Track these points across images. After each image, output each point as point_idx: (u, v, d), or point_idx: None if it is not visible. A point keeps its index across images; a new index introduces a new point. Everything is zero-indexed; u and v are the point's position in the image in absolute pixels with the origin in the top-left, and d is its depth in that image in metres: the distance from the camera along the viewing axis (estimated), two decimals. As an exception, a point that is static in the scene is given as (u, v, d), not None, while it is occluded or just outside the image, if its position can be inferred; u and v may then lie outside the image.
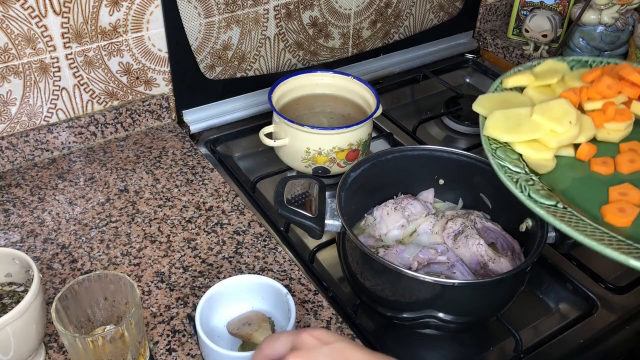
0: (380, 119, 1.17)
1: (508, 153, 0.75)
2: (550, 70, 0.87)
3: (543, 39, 1.31)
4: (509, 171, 0.72)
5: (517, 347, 0.77)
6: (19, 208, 0.91)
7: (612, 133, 0.78)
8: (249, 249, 0.86)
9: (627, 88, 0.80)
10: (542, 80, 0.84)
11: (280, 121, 0.98)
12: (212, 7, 1.05)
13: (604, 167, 0.74)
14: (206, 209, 0.92)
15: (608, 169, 0.74)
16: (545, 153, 0.75)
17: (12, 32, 0.90)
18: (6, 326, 0.60)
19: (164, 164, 1.01)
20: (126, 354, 0.64)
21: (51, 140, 1.01)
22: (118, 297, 0.67)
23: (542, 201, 0.68)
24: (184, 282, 0.81)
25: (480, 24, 1.46)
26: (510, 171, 0.73)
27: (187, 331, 0.74)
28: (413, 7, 1.31)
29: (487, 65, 1.43)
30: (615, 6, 1.23)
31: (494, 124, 0.77)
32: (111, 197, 0.94)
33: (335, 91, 1.09)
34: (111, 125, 1.05)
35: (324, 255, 0.90)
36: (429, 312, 0.73)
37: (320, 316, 0.77)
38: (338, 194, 0.80)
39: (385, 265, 0.71)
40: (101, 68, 1.00)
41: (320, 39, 1.22)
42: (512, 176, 0.72)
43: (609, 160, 0.75)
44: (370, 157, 0.87)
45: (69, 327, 0.64)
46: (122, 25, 0.98)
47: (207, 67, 1.11)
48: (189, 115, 1.13)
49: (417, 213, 0.87)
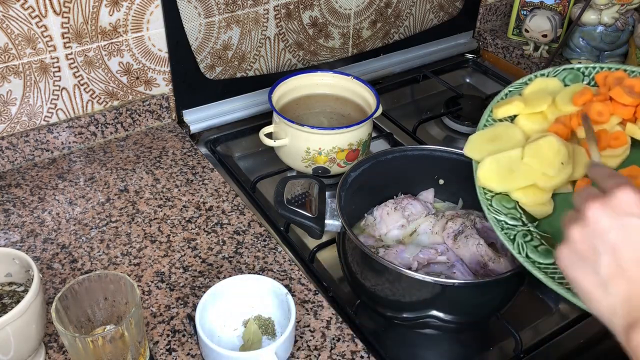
0: (380, 119, 1.17)
1: (504, 202, 0.74)
2: (541, 91, 0.84)
3: (543, 39, 1.31)
4: (505, 226, 0.72)
5: (517, 347, 0.77)
6: (19, 208, 0.91)
7: (609, 160, 0.76)
8: (249, 249, 0.86)
9: (620, 109, 0.77)
10: (532, 107, 0.81)
11: (280, 121, 0.98)
12: (212, 7, 1.05)
13: None
14: (206, 209, 0.92)
15: None
16: (541, 197, 0.73)
17: (12, 32, 0.90)
18: (6, 326, 0.60)
19: (164, 164, 1.01)
20: (126, 354, 0.64)
21: (51, 140, 1.01)
22: (118, 297, 0.67)
23: (540, 261, 0.67)
24: (184, 282, 0.81)
25: (480, 24, 1.46)
26: (508, 226, 0.71)
27: (187, 331, 0.74)
28: (413, 7, 1.31)
29: (487, 65, 1.43)
30: (615, 6, 1.23)
31: (486, 174, 0.75)
32: (111, 197, 0.94)
33: (335, 91, 1.09)
34: (111, 125, 1.05)
35: (324, 255, 0.90)
36: (429, 312, 0.74)
37: (320, 316, 0.77)
38: (338, 194, 0.80)
39: (385, 265, 0.71)
40: (101, 68, 1.00)
41: (320, 39, 1.22)
42: (509, 233, 0.71)
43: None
44: (370, 157, 0.87)
45: (69, 327, 0.64)
46: (122, 25, 0.98)
47: (207, 67, 1.11)
48: (189, 115, 1.13)
49: (417, 213, 0.87)
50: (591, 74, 0.85)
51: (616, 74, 0.81)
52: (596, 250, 0.50)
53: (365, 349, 0.73)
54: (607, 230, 0.49)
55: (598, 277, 0.50)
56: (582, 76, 0.85)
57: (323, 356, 0.72)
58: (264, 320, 0.74)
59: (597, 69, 0.84)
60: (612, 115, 0.77)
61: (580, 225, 0.51)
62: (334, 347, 0.73)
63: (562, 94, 0.82)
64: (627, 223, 0.49)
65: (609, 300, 0.49)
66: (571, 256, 0.51)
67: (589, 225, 0.50)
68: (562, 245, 0.52)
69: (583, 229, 0.51)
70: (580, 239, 0.51)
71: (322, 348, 0.73)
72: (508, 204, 0.74)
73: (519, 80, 0.88)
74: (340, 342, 0.73)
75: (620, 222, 0.49)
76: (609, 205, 0.50)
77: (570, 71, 0.86)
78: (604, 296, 0.49)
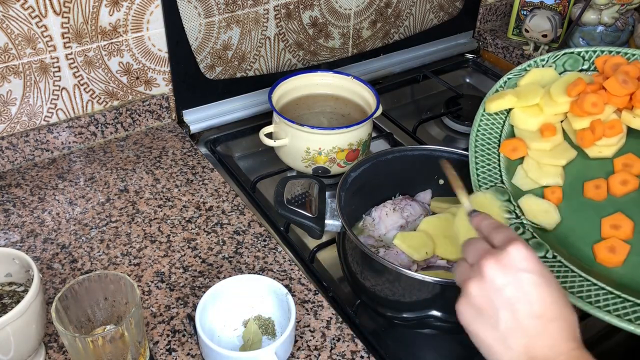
0: (380, 119, 1.17)
1: (498, 195, 0.75)
2: (535, 82, 0.84)
3: (543, 39, 1.31)
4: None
5: (517, 347, 0.77)
6: (19, 208, 0.91)
7: (604, 150, 0.76)
8: (249, 249, 0.86)
9: (614, 98, 0.77)
10: (525, 100, 0.82)
11: (280, 121, 0.98)
12: (212, 7, 1.05)
13: (596, 192, 0.73)
14: (206, 209, 0.92)
15: (601, 194, 0.73)
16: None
17: (12, 32, 0.90)
18: (6, 326, 0.60)
19: (164, 164, 1.01)
20: (126, 354, 0.64)
21: (51, 140, 1.01)
22: (118, 297, 0.67)
23: None
24: (184, 282, 0.81)
25: (480, 24, 1.46)
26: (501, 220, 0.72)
27: (187, 331, 0.74)
28: (413, 7, 1.31)
29: (487, 65, 1.43)
30: (615, 6, 1.23)
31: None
32: (111, 197, 0.94)
33: (335, 91, 1.09)
34: (111, 125, 1.05)
35: (324, 255, 0.90)
36: (429, 312, 0.74)
37: (320, 316, 0.77)
38: (338, 194, 0.80)
39: (385, 265, 0.71)
40: (101, 68, 1.00)
41: (320, 39, 1.22)
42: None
43: (601, 184, 0.73)
44: (370, 157, 0.87)
45: (69, 327, 0.64)
46: (122, 25, 0.98)
47: (207, 67, 1.11)
48: (189, 115, 1.13)
49: (416, 214, 0.87)
50: (591, 58, 0.84)
51: (615, 59, 0.81)
52: (494, 305, 0.52)
53: (365, 349, 0.73)
54: (503, 287, 0.52)
55: (498, 332, 0.52)
56: (583, 60, 0.84)
57: (323, 356, 0.72)
58: (264, 320, 0.74)
59: (598, 53, 0.84)
60: (607, 104, 0.78)
61: (478, 281, 0.53)
62: (334, 347, 0.73)
63: (556, 85, 0.82)
64: (520, 278, 0.51)
65: (509, 354, 0.51)
66: (471, 311, 0.54)
67: (486, 282, 0.52)
68: (461, 299, 0.55)
69: (480, 284, 0.53)
70: (478, 294, 0.53)
71: (322, 348, 0.73)
72: (502, 196, 0.74)
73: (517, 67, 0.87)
74: (340, 342, 0.73)
75: (514, 278, 0.52)
76: (502, 262, 0.52)
77: (570, 55, 0.85)
78: (505, 350, 0.52)
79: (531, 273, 0.52)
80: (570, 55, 0.85)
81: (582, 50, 0.84)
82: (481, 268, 0.53)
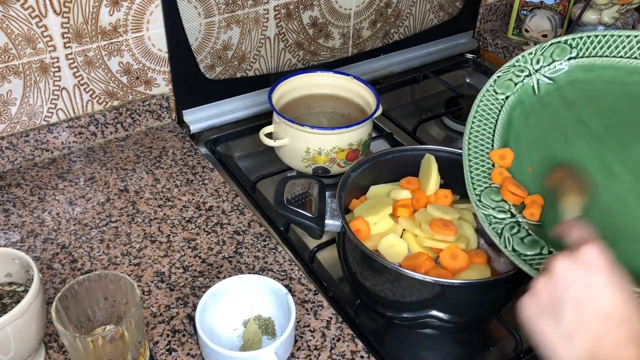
0: (380, 119, 1.17)
1: (492, 196, 0.75)
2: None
3: (543, 39, 1.31)
4: (493, 221, 0.73)
5: (517, 347, 0.77)
6: (19, 208, 0.91)
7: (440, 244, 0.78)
8: (249, 249, 0.86)
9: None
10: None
11: (280, 121, 0.98)
12: (212, 7, 1.05)
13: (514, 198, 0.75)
14: (206, 209, 0.92)
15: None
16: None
17: (12, 32, 0.90)
18: (6, 326, 0.60)
19: (164, 164, 1.01)
20: (126, 354, 0.64)
21: (51, 140, 1.01)
22: (118, 297, 0.67)
23: (526, 253, 0.68)
24: (184, 282, 0.81)
25: (480, 24, 1.46)
26: (496, 220, 0.73)
27: (187, 331, 0.74)
28: (413, 7, 1.31)
29: (487, 65, 1.43)
30: (615, 6, 1.23)
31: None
32: (111, 197, 0.94)
33: (335, 91, 1.09)
34: (111, 125, 1.05)
35: (324, 255, 0.90)
36: (429, 312, 0.74)
37: (320, 316, 0.77)
38: (338, 194, 0.80)
39: (385, 265, 0.71)
40: (101, 68, 1.00)
41: (320, 39, 1.22)
42: (497, 227, 0.72)
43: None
44: (370, 157, 0.87)
45: (69, 327, 0.64)
46: (122, 25, 0.98)
47: (207, 67, 1.11)
48: (189, 115, 1.13)
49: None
50: (578, 45, 0.80)
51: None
52: (561, 300, 0.51)
53: (365, 349, 0.73)
54: (572, 282, 0.51)
55: (561, 329, 0.51)
56: (570, 48, 0.81)
57: (323, 356, 0.72)
58: (264, 320, 0.74)
59: (584, 39, 0.80)
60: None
61: (546, 277, 0.52)
62: (334, 347, 0.73)
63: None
64: (591, 278, 0.51)
65: (572, 352, 0.50)
66: (534, 307, 0.53)
67: (554, 278, 0.52)
68: (526, 295, 0.54)
69: (548, 280, 0.52)
70: (544, 290, 0.52)
71: (322, 348, 0.73)
72: (496, 197, 0.74)
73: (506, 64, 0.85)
74: (340, 342, 0.73)
75: (584, 276, 0.51)
76: (575, 259, 0.51)
77: (557, 45, 0.82)
78: (567, 348, 0.50)
79: (603, 273, 0.50)
80: (557, 45, 0.82)
81: (569, 38, 0.81)
82: (552, 264, 0.52)
